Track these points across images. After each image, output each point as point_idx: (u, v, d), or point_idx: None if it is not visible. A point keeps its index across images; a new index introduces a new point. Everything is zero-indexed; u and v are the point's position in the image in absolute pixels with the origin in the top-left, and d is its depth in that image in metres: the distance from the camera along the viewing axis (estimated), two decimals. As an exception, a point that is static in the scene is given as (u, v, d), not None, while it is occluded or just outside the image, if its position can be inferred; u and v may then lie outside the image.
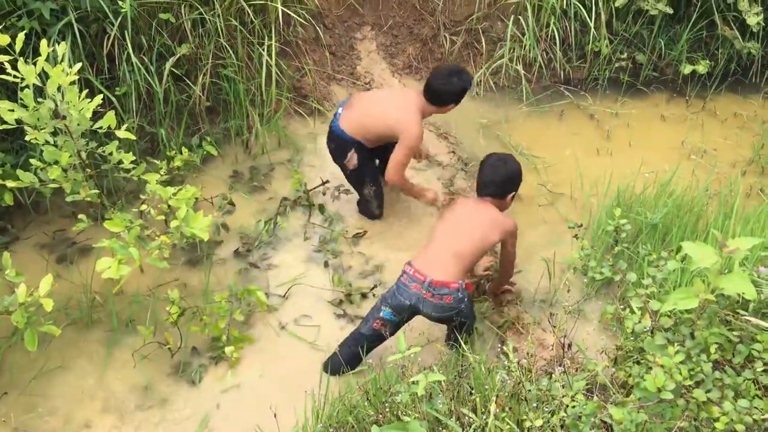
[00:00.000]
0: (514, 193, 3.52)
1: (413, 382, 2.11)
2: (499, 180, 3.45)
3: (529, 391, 2.06)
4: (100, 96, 3.18)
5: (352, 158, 3.86)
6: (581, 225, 2.23)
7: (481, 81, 5.19)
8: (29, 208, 3.81)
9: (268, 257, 3.80)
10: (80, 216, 3.40)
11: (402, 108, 3.74)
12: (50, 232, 3.81)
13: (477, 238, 3.17)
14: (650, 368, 1.64)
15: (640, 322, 1.87)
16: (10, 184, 3.35)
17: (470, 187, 4.36)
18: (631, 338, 1.90)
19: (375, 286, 3.66)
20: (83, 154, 3.38)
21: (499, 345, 3.22)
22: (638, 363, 1.69)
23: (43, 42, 3.06)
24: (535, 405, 2.05)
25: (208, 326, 3.27)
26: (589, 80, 5.35)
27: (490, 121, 4.96)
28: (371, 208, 4.08)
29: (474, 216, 3.30)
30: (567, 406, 1.76)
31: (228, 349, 3.24)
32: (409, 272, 3.03)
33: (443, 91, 3.72)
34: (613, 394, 1.88)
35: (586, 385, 2.17)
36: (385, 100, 3.93)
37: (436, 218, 4.16)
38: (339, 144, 3.86)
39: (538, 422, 1.77)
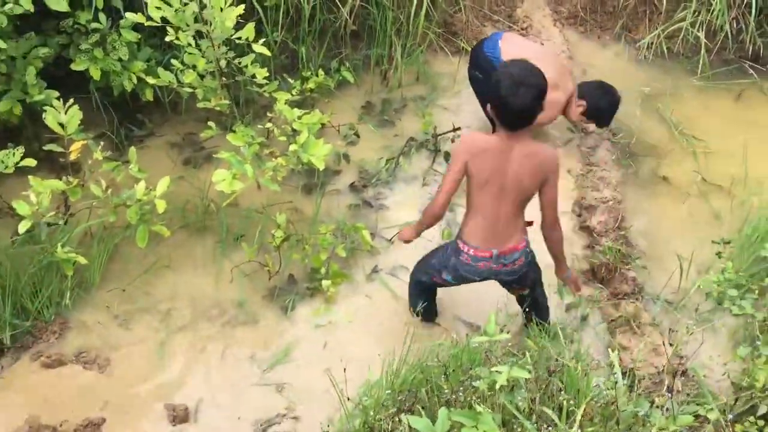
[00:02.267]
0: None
1: (495, 371, 1.93)
2: (534, 104, 2.39)
3: (624, 411, 1.82)
4: (242, 6, 3.10)
5: None
6: (729, 242, 1.88)
7: (653, 43, 4.64)
8: (167, 107, 3.91)
9: (382, 197, 3.68)
10: (209, 123, 3.42)
11: (561, 88, 3.64)
12: (183, 133, 3.90)
13: (526, 189, 2.54)
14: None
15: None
16: (150, 80, 3.43)
17: (614, 161, 3.96)
18: (760, 394, 1.58)
19: (486, 250, 3.44)
20: (222, 62, 3.36)
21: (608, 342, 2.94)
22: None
23: (196, -59, 3.01)
24: (627, 429, 1.81)
25: (309, 257, 3.23)
26: (782, 60, 4.63)
27: (653, 91, 4.44)
28: None
29: (516, 167, 2.49)
30: (663, 446, 1.51)
31: (325, 283, 3.18)
32: (469, 252, 2.63)
33: (595, 111, 3.72)
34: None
35: (695, 419, 1.87)
36: (551, 69, 3.59)
37: (570, 188, 3.82)
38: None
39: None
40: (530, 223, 2.66)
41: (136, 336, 3.01)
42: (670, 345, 2.61)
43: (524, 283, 2.79)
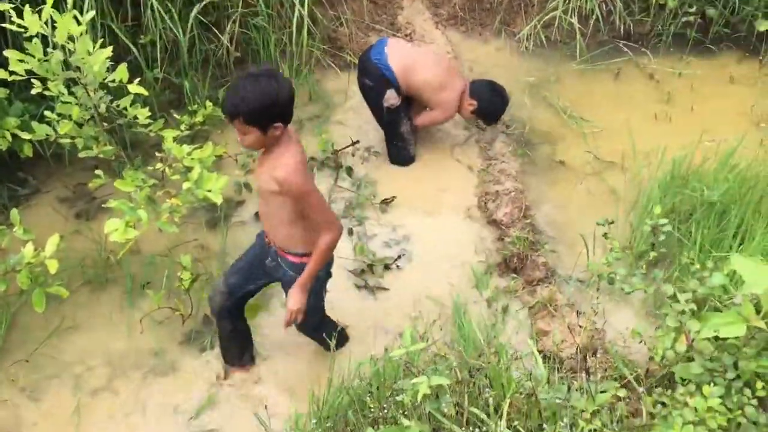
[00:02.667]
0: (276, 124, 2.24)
1: (416, 383, 1.91)
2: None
3: (545, 399, 1.84)
4: (110, 48, 2.98)
5: (392, 97, 3.73)
6: (612, 222, 1.94)
7: (530, 35, 4.80)
8: (49, 161, 3.72)
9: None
10: (96, 171, 3.27)
11: (451, 87, 3.77)
12: (71, 185, 3.72)
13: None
14: (678, 407, 1.39)
15: (672, 347, 1.60)
16: (25, 136, 3.24)
17: (510, 152, 4.05)
18: (661, 363, 1.64)
19: (399, 257, 3.45)
20: (102, 107, 3.23)
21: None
22: (663, 404, 1.43)
23: (49, -13, 2.87)
24: (551, 415, 1.83)
25: (221, 293, 3.13)
26: (651, 36, 4.89)
27: (537, 80, 4.59)
28: (408, 148, 3.94)
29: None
30: (580, 429, 1.53)
31: (241, 319, 3.09)
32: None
33: (485, 110, 3.86)
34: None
35: (616, 390, 1.91)
36: (439, 69, 3.81)
37: (474, 184, 3.90)
38: (380, 83, 3.71)
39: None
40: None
41: (48, 406, 2.82)
42: (580, 326, 2.67)
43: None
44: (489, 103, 3.82)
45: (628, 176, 3.90)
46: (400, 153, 3.93)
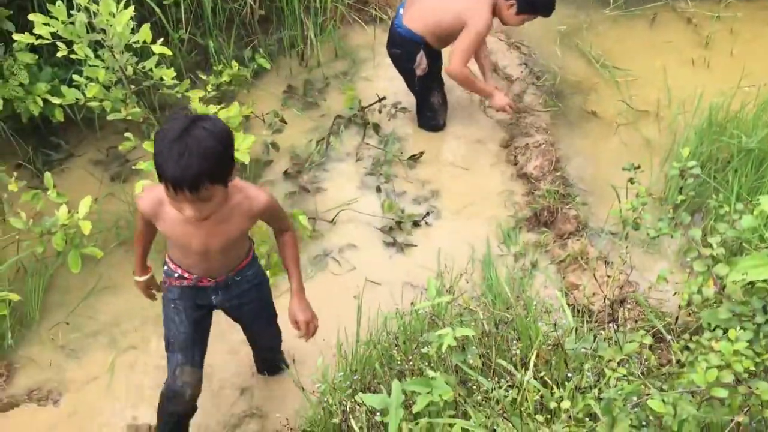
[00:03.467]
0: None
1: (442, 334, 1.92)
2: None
3: (571, 350, 1.83)
4: (132, 8, 2.98)
5: (422, 61, 3.60)
6: (638, 166, 1.88)
7: (562, -19, 4.63)
8: (81, 125, 3.76)
9: (318, 180, 3.62)
10: (126, 134, 3.30)
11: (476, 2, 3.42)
12: (104, 148, 3.77)
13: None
14: (704, 351, 1.36)
15: (699, 291, 1.56)
16: (54, 100, 3.29)
17: (540, 104, 3.96)
18: (688, 310, 1.60)
19: (428, 213, 3.43)
20: (129, 70, 3.24)
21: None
22: (689, 349, 1.40)
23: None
24: (579, 366, 1.82)
25: (251, 251, 3.16)
26: (689, -22, 4.68)
27: (569, 28, 4.45)
28: (437, 118, 3.84)
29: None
30: (608, 378, 1.51)
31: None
32: None
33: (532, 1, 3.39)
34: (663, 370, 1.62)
35: (642, 338, 1.88)
36: None
37: (503, 137, 3.83)
38: (406, 47, 3.60)
39: (566, 404, 1.54)
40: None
41: (87, 363, 2.92)
42: (608, 277, 2.63)
43: None
44: None
45: (663, 125, 3.79)
46: (429, 122, 3.85)
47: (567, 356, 1.85)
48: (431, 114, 3.82)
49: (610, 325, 1.94)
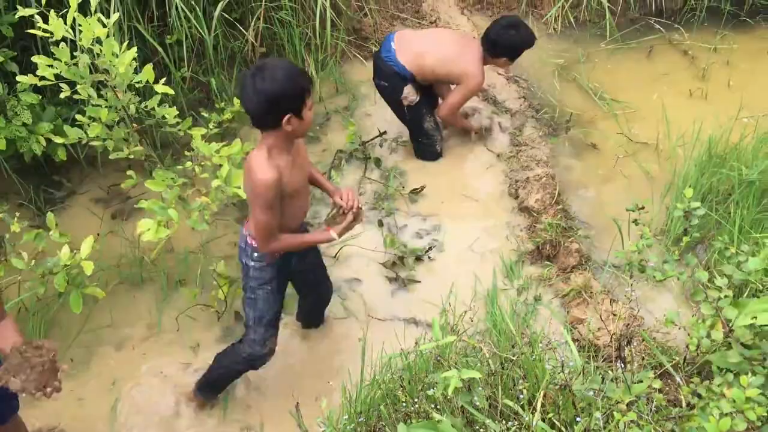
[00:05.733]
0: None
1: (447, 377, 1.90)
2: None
3: (579, 390, 1.81)
4: (134, 49, 3.01)
5: (410, 93, 3.67)
6: (642, 207, 1.88)
7: (558, 16, 4.70)
8: (83, 164, 3.78)
9: (320, 215, 3.62)
10: (128, 172, 3.31)
11: (466, 53, 3.61)
12: (105, 186, 3.78)
13: None
14: (715, 398, 1.35)
15: (708, 335, 1.55)
16: (58, 140, 3.31)
17: (540, 137, 3.99)
18: (696, 352, 1.58)
19: (430, 248, 3.42)
20: (132, 109, 3.26)
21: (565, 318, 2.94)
22: (699, 395, 1.38)
23: (73, -12, 2.91)
24: (587, 406, 1.79)
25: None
26: (684, 11, 4.75)
27: (567, 62, 4.50)
28: (434, 145, 3.87)
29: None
30: (617, 421, 1.49)
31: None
32: None
33: (498, 43, 3.56)
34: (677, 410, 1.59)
35: (652, 381, 1.87)
36: (448, 43, 3.66)
37: (504, 171, 3.84)
38: (392, 81, 3.67)
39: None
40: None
41: (88, 403, 2.89)
42: (614, 315, 2.61)
43: None
44: (505, 39, 3.52)
45: (662, 157, 3.81)
46: (426, 150, 3.88)
47: (575, 397, 1.83)
48: (427, 141, 3.83)
49: (617, 363, 1.92)
